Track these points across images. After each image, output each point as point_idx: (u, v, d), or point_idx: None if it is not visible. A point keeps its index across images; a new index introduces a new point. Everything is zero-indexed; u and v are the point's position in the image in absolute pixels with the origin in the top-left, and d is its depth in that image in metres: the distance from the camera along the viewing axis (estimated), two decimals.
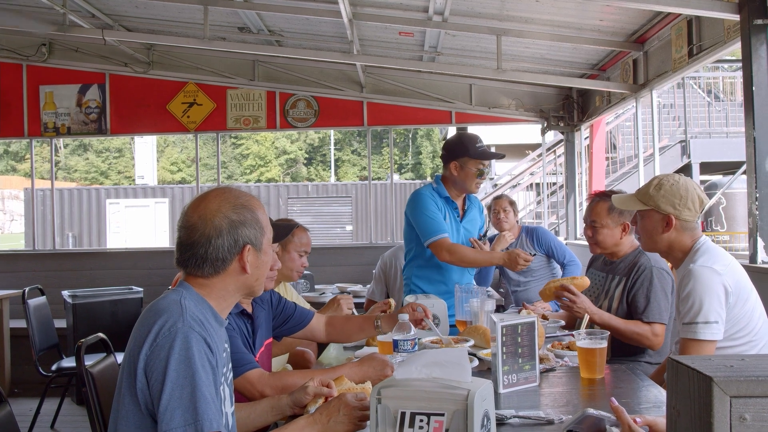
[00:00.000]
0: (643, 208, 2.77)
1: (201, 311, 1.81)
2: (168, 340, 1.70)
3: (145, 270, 7.51)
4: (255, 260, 1.90)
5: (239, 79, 7.50)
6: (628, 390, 2.49)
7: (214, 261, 1.85)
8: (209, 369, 1.72)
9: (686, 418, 1.20)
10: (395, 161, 30.98)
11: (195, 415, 1.64)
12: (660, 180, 2.76)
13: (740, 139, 11.95)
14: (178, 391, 1.66)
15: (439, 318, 3.49)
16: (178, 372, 1.67)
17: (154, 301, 1.87)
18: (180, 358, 1.68)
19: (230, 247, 1.85)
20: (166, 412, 1.64)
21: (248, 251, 1.87)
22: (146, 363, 1.70)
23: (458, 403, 1.66)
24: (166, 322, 1.73)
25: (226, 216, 1.85)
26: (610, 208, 3.36)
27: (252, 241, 1.88)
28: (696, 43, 4.58)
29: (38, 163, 28.19)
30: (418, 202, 3.82)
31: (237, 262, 1.87)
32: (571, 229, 7.54)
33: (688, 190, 2.70)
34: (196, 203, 1.90)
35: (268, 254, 1.96)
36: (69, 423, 5.59)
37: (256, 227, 1.90)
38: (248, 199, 1.93)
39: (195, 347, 1.70)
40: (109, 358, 2.89)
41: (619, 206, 3.03)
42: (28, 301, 5.20)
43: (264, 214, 1.96)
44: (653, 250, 2.87)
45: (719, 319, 2.54)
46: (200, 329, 1.74)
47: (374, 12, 5.55)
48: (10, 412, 2.23)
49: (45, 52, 7.35)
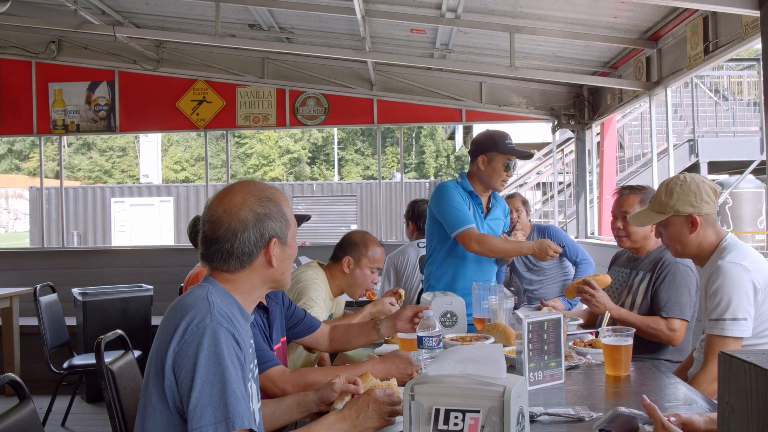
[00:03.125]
0: (663, 218, 2.74)
1: (227, 306, 1.79)
2: (196, 336, 1.67)
3: (154, 268, 7.49)
4: (281, 253, 1.88)
5: (249, 77, 7.48)
6: (655, 387, 2.46)
7: (240, 255, 1.83)
8: (238, 365, 1.70)
9: (742, 413, 1.18)
10: (398, 160, 30.96)
11: (226, 413, 1.61)
12: (667, 186, 2.73)
13: (747, 138, 12.01)
14: (208, 388, 1.63)
15: (457, 315, 3.47)
16: (207, 369, 1.64)
17: (179, 297, 1.84)
18: (209, 355, 1.65)
19: (256, 241, 1.83)
20: (196, 409, 1.62)
21: (274, 244, 1.85)
22: (174, 360, 1.68)
23: (494, 399, 1.63)
24: (193, 319, 1.70)
25: (252, 209, 1.83)
26: (642, 199, 3.34)
27: (278, 234, 1.86)
28: (712, 40, 4.55)
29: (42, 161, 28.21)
30: (444, 194, 3.79)
31: (263, 256, 1.85)
32: (582, 227, 7.50)
33: (699, 185, 2.68)
34: (221, 197, 1.88)
35: (293, 247, 1.94)
36: (79, 421, 5.58)
37: (281, 220, 1.87)
38: (273, 191, 1.91)
39: (224, 343, 1.68)
40: (128, 355, 2.86)
41: (637, 225, 2.96)
42: (40, 299, 5.19)
43: (288, 206, 1.94)
44: (685, 255, 2.82)
45: (747, 316, 2.51)
46: (228, 325, 1.72)
47: (387, 9, 5.53)
48: (33, 409, 2.20)
49: (54, 50, 7.34)
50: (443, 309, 3.43)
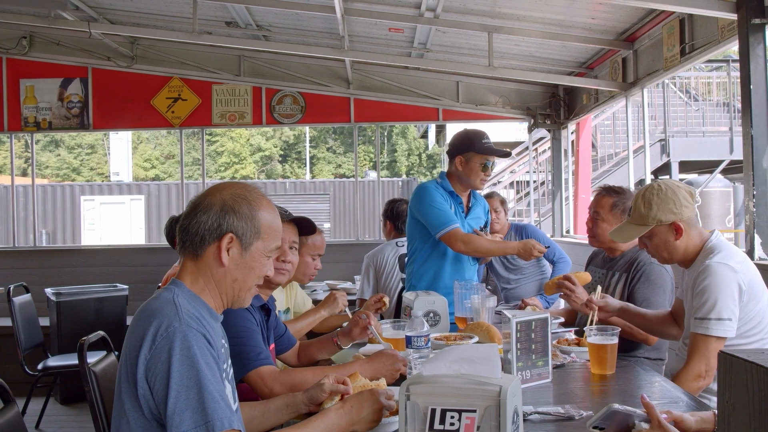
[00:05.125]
0: (647, 230, 2.75)
1: (195, 308, 1.77)
2: (167, 341, 1.64)
3: (128, 267, 7.40)
4: (237, 256, 1.82)
5: (225, 75, 7.42)
6: (640, 385, 2.50)
7: (194, 236, 1.80)
8: (214, 365, 1.68)
9: (743, 412, 1.20)
10: (370, 159, 30.93)
11: (205, 416, 1.60)
12: (643, 196, 2.73)
13: (716, 138, 12.20)
14: (184, 393, 1.61)
15: (440, 315, 3.48)
16: (181, 373, 1.62)
17: (146, 303, 1.80)
18: (182, 359, 1.63)
19: (211, 228, 1.79)
20: (174, 415, 1.59)
21: (230, 242, 1.80)
22: (147, 368, 1.64)
23: (490, 399, 1.64)
24: (162, 323, 1.67)
25: (222, 198, 1.81)
26: (614, 204, 3.39)
27: (238, 233, 1.80)
28: (688, 42, 4.62)
29: (8, 159, 27.73)
30: (425, 195, 3.80)
31: (215, 248, 1.80)
32: (558, 225, 7.57)
33: (675, 191, 2.70)
34: (210, 188, 1.88)
35: (257, 260, 1.86)
36: (54, 422, 5.50)
37: (248, 224, 1.82)
38: (256, 197, 1.86)
39: (196, 345, 1.65)
40: (110, 356, 2.82)
41: (621, 241, 2.93)
42: (14, 299, 5.10)
43: (271, 220, 1.87)
44: (672, 261, 2.83)
45: (732, 316, 2.55)
46: (198, 326, 1.70)
47: (366, 7, 5.52)
48: (18, 412, 2.17)
49: (26, 45, 7.19)
50: (426, 308, 3.44)
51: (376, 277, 5.47)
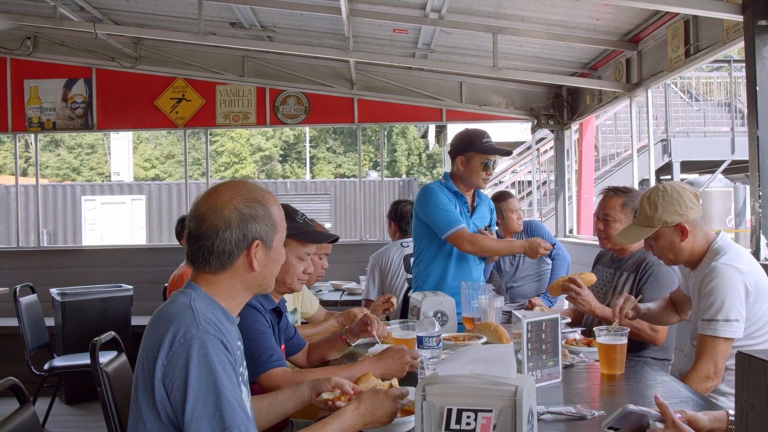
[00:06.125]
0: (652, 232, 2.76)
1: (212, 312, 1.76)
2: (184, 347, 1.64)
3: (132, 267, 7.41)
4: (264, 257, 1.84)
5: (229, 75, 7.43)
6: (650, 385, 2.51)
7: (221, 255, 1.79)
8: (231, 371, 1.68)
9: (762, 411, 1.22)
10: (370, 158, 30.93)
11: (222, 423, 1.60)
12: (649, 198, 2.75)
13: (718, 138, 12.22)
14: (201, 400, 1.61)
15: (448, 315, 3.49)
16: (199, 380, 1.62)
17: (162, 306, 1.80)
18: (200, 366, 1.63)
19: (238, 241, 1.79)
20: (191, 422, 1.60)
21: (257, 247, 1.82)
22: (164, 374, 1.65)
23: (506, 399, 1.65)
24: (179, 329, 1.67)
25: (237, 209, 1.80)
26: (624, 203, 3.40)
27: (262, 237, 1.82)
28: (693, 43, 4.63)
29: (8, 159, 27.72)
30: (430, 197, 3.81)
31: (245, 258, 1.81)
32: (561, 225, 7.59)
33: (680, 192, 2.71)
34: (209, 194, 1.85)
35: (280, 253, 1.90)
36: (60, 423, 5.51)
37: (267, 223, 1.84)
38: (263, 194, 1.87)
39: (213, 352, 1.65)
40: (121, 356, 2.84)
41: (626, 242, 2.93)
42: (20, 300, 5.10)
43: (279, 211, 1.90)
44: (678, 263, 2.84)
45: (740, 317, 2.57)
46: (215, 331, 1.70)
47: (371, 8, 5.53)
48: (33, 412, 2.19)
49: (30, 46, 7.20)
50: (434, 308, 3.45)
51: (381, 278, 5.49)
